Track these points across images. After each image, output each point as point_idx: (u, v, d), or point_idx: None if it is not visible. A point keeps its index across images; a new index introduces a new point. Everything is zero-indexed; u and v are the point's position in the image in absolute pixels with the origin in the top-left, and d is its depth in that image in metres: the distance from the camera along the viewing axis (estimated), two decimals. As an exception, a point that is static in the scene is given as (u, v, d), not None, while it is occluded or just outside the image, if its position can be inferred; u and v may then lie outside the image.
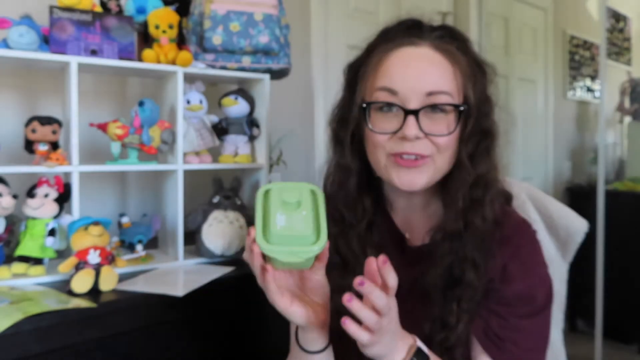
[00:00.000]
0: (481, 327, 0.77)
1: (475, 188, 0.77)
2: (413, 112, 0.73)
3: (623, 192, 2.96)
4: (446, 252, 0.77)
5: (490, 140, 0.79)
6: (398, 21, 0.82)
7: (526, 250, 0.79)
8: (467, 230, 0.76)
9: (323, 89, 2.00)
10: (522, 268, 0.78)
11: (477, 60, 0.80)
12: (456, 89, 0.75)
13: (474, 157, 0.78)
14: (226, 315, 1.15)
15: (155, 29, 1.22)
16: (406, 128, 0.73)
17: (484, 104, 0.79)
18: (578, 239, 1.02)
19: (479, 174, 0.77)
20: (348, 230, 0.82)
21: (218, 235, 1.26)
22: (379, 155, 0.78)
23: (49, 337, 0.88)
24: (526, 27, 3.08)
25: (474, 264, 0.76)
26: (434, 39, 0.77)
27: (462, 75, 0.76)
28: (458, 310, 0.75)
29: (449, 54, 0.76)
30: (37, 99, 1.35)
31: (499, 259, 0.77)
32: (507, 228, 0.79)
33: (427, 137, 0.74)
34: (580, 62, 3.43)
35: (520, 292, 0.77)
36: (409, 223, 0.86)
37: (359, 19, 2.14)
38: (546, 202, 1.04)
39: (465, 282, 0.75)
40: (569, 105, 3.37)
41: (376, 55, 0.78)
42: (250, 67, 1.35)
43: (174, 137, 1.25)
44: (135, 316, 1.01)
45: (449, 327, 0.75)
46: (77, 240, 1.03)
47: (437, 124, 0.75)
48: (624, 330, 2.79)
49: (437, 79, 0.74)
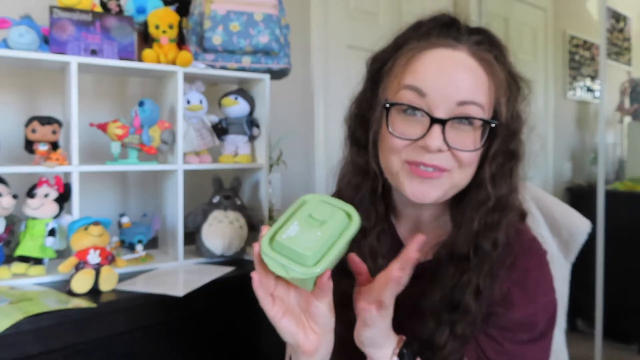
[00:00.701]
0: (474, 350, 0.73)
1: (492, 212, 0.71)
2: (440, 121, 0.66)
3: (623, 192, 2.95)
4: (449, 275, 0.72)
5: (515, 162, 0.72)
6: (432, 16, 0.75)
7: (532, 277, 0.74)
8: (476, 254, 0.70)
9: (323, 89, 2.00)
10: (525, 295, 0.73)
11: (513, 74, 0.73)
12: (488, 102, 0.69)
13: (496, 178, 0.71)
14: (226, 315, 1.15)
15: (155, 29, 1.22)
16: (429, 138, 0.66)
17: (515, 121, 0.72)
18: (581, 239, 1.02)
19: (498, 196, 0.71)
20: (361, 236, 0.75)
21: (218, 235, 1.26)
22: (393, 160, 0.71)
23: (49, 337, 0.88)
24: (526, 27, 3.08)
25: (476, 291, 0.70)
26: (472, 44, 0.70)
27: (496, 87, 0.70)
28: (450, 334, 0.70)
29: (487, 63, 0.69)
30: (37, 99, 1.35)
31: (503, 283, 0.72)
32: (515, 250, 0.73)
33: (450, 150, 0.67)
34: (580, 62, 3.43)
35: (521, 319, 0.72)
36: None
37: (359, 19, 2.14)
38: (549, 202, 1.04)
39: (463, 308, 0.70)
40: (569, 105, 3.37)
41: (407, 51, 0.71)
42: (250, 67, 1.35)
43: (174, 137, 1.25)
44: (135, 316, 1.01)
45: (436, 347, 0.70)
46: (77, 240, 1.03)
47: (463, 138, 0.68)
48: (624, 330, 2.79)
49: (471, 88, 0.67)
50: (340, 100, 0.89)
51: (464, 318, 0.70)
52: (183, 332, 1.08)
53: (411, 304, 0.73)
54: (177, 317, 1.06)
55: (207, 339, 1.12)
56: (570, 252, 1.03)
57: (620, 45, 3.67)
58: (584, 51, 3.46)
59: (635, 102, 3.35)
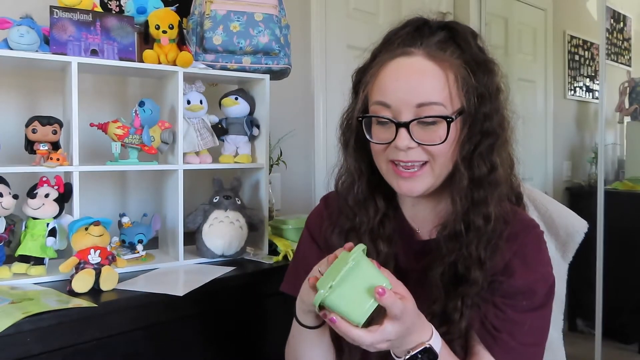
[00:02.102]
0: (478, 318, 0.78)
1: (477, 189, 0.77)
2: (404, 124, 0.75)
3: (622, 192, 2.96)
4: (449, 251, 0.78)
5: (494, 139, 0.78)
6: (403, 22, 0.83)
7: (531, 248, 0.80)
8: (469, 230, 0.77)
9: (323, 89, 2.00)
10: (524, 264, 0.79)
11: (478, 59, 0.79)
12: (449, 96, 0.75)
13: (472, 159, 0.77)
14: (226, 315, 1.15)
15: (155, 29, 1.22)
16: (398, 139, 0.76)
17: (484, 103, 0.78)
18: (578, 239, 1.02)
19: (478, 175, 0.77)
20: (360, 226, 0.85)
21: (218, 235, 1.26)
22: (380, 162, 0.81)
23: (49, 337, 0.88)
24: (526, 27, 3.08)
25: (479, 262, 0.77)
26: (430, 46, 0.77)
27: (457, 79, 0.76)
28: (462, 307, 0.76)
29: (442, 61, 0.76)
30: (37, 99, 1.35)
31: (504, 254, 0.78)
32: (514, 226, 0.79)
33: (420, 146, 0.76)
34: (580, 62, 3.43)
35: (521, 286, 0.78)
36: (418, 218, 0.88)
37: (359, 19, 2.14)
38: (546, 202, 1.04)
39: (471, 280, 0.76)
40: (568, 106, 3.37)
41: (375, 65, 0.80)
42: (251, 67, 1.35)
43: (174, 137, 1.25)
44: (136, 316, 1.01)
45: (452, 322, 0.76)
46: (77, 240, 1.03)
47: (430, 133, 0.76)
48: (624, 330, 2.79)
49: (427, 89, 0.75)
50: (340, 100, 0.90)
51: (472, 290, 0.76)
52: (183, 332, 1.08)
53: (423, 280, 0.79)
54: (177, 317, 1.07)
55: (207, 339, 1.12)
56: (567, 252, 1.03)
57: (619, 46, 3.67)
58: (583, 51, 3.46)
59: (634, 102, 3.36)
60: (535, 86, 3.15)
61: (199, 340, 1.11)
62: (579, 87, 3.43)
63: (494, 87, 0.79)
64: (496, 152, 0.78)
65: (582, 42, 3.43)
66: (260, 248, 1.38)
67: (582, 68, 3.44)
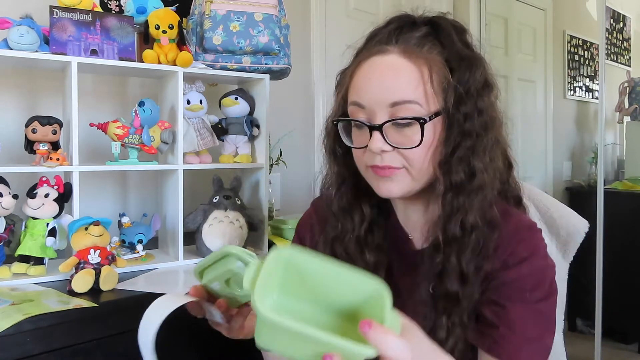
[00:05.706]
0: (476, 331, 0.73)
1: (456, 196, 0.71)
2: (377, 127, 0.70)
3: (622, 192, 2.96)
4: (433, 263, 0.73)
5: (474, 141, 0.71)
6: (387, 20, 0.78)
7: (525, 247, 0.73)
8: (447, 240, 0.71)
9: (323, 89, 2.00)
10: (520, 259, 0.72)
11: (461, 55, 0.72)
12: (424, 94, 0.69)
13: (450, 163, 0.71)
14: (226, 315, 1.15)
15: (155, 29, 1.22)
16: (371, 143, 0.71)
17: (466, 102, 0.71)
18: (579, 238, 1.02)
19: (455, 181, 0.71)
20: (345, 234, 0.80)
21: (218, 235, 1.26)
22: (360, 166, 0.77)
23: (49, 337, 0.88)
24: (526, 27, 3.08)
25: (461, 276, 0.70)
26: (407, 42, 0.72)
27: (432, 76, 0.70)
28: (449, 324, 0.71)
29: (417, 57, 0.70)
30: (37, 99, 1.35)
31: (496, 260, 0.72)
32: (505, 231, 0.73)
33: (395, 149, 0.71)
34: (580, 62, 3.44)
35: (517, 276, 0.72)
36: (411, 223, 0.83)
37: (359, 19, 2.14)
38: (547, 201, 1.04)
39: (451, 295, 0.70)
40: (568, 105, 3.37)
41: (353, 64, 0.77)
42: (250, 67, 1.35)
43: (174, 137, 1.25)
44: (136, 316, 1.00)
45: (439, 341, 0.69)
46: (77, 240, 1.03)
47: (405, 136, 0.70)
48: (624, 330, 2.79)
49: (401, 87, 0.69)
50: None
51: (455, 305, 0.70)
52: (183, 332, 1.08)
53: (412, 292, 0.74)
54: (177, 317, 1.06)
55: (207, 339, 1.12)
56: (568, 251, 1.03)
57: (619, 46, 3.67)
58: (583, 51, 3.46)
59: (634, 102, 3.36)
60: (535, 86, 3.15)
61: (199, 341, 1.10)
62: (579, 87, 3.43)
63: (478, 85, 0.72)
64: (478, 155, 0.71)
65: (582, 42, 3.44)
66: (260, 248, 1.38)
67: (581, 68, 3.45)
